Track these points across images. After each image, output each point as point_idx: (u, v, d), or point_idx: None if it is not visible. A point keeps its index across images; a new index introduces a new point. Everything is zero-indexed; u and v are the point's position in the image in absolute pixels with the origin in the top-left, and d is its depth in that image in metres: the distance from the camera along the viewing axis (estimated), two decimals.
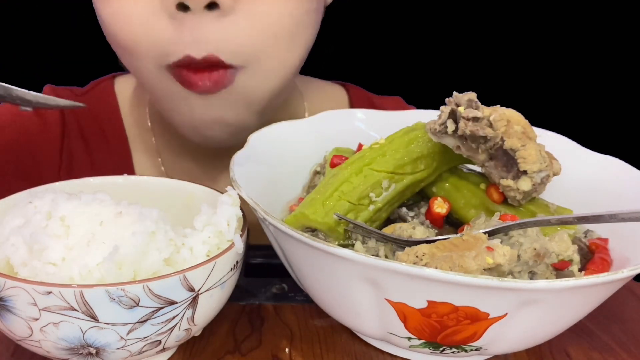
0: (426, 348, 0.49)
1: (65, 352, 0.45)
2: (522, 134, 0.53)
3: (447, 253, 0.46)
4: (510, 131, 0.53)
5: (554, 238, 0.50)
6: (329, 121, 0.67)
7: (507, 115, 0.53)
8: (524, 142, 0.52)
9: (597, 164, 0.61)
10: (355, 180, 0.55)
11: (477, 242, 0.47)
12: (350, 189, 0.54)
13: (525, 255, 0.48)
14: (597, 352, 0.54)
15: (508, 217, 0.52)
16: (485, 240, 0.48)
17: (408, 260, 0.47)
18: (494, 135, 0.52)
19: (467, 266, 0.45)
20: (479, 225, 0.51)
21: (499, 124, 0.52)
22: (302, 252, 0.48)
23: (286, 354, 0.52)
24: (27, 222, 0.47)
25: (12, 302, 0.43)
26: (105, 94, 0.80)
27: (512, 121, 0.53)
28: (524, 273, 0.48)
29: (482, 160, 0.55)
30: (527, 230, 0.49)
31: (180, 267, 0.47)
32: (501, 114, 0.53)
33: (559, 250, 0.50)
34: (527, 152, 0.52)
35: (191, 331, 0.48)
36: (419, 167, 0.56)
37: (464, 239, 0.48)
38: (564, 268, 0.50)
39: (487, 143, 0.53)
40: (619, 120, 1.46)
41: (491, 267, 0.46)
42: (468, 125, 0.52)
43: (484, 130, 0.52)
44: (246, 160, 0.57)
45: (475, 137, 0.53)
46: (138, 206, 0.49)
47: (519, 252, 0.48)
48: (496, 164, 0.54)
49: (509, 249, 0.47)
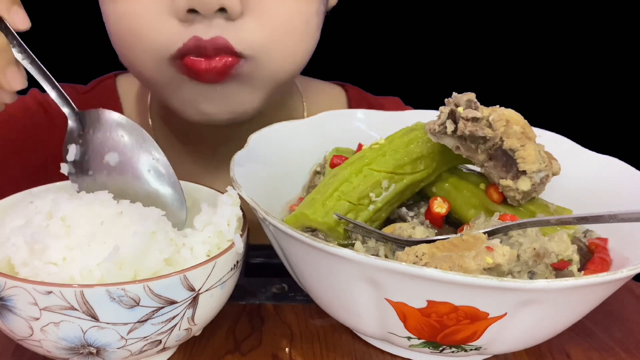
0: (426, 348, 0.49)
1: (66, 351, 0.45)
2: (522, 134, 0.53)
3: (447, 253, 0.47)
4: (509, 131, 0.53)
5: (554, 238, 0.50)
6: (329, 121, 0.67)
7: (506, 116, 0.53)
8: (523, 142, 0.53)
9: (597, 164, 0.61)
10: (355, 180, 0.55)
11: (476, 242, 0.48)
12: (350, 189, 0.54)
13: (524, 255, 0.48)
14: (597, 352, 0.54)
15: (508, 217, 0.52)
16: (485, 240, 0.48)
17: (408, 260, 0.47)
18: (493, 135, 0.52)
19: (467, 266, 0.45)
20: (478, 225, 0.51)
21: (498, 124, 0.52)
22: (302, 252, 0.48)
23: (286, 354, 0.52)
24: (28, 222, 0.47)
25: (13, 301, 0.43)
26: (107, 92, 0.81)
27: (511, 121, 0.53)
28: (524, 273, 0.48)
29: (482, 161, 0.55)
30: (527, 230, 0.50)
31: (181, 267, 0.47)
32: (500, 114, 0.53)
33: (558, 250, 0.50)
34: (527, 152, 0.52)
35: (191, 331, 0.48)
36: (418, 167, 0.56)
37: (464, 239, 0.48)
38: (564, 268, 0.50)
39: (487, 143, 0.53)
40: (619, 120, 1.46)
41: (491, 267, 0.46)
42: (467, 126, 0.52)
43: (483, 131, 0.52)
44: (246, 160, 0.57)
45: (474, 138, 0.53)
46: (139, 206, 0.49)
47: (518, 252, 0.48)
48: (495, 164, 0.54)
49: (508, 249, 0.47)
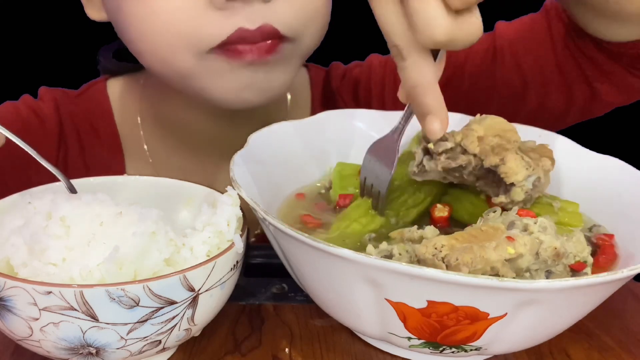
0: (426, 348, 0.49)
1: (66, 352, 0.45)
2: (498, 146, 0.52)
3: (467, 244, 0.46)
4: (485, 148, 0.52)
5: (572, 238, 0.49)
6: (328, 121, 0.67)
7: (477, 132, 0.52)
8: (502, 155, 0.52)
9: (597, 164, 0.61)
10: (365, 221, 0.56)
11: (496, 232, 0.47)
12: (359, 229, 0.55)
13: (544, 253, 0.47)
14: (597, 352, 0.54)
15: (524, 213, 0.51)
16: (504, 230, 0.47)
17: (427, 252, 0.46)
18: (468, 161, 0.52)
19: (489, 257, 0.45)
20: (494, 218, 0.51)
21: (471, 147, 0.52)
22: (302, 252, 0.48)
23: (286, 354, 0.52)
24: (27, 223, 0.47)
25: (13, 302, 0.43)
26: (98, 95, 0.82)
27: (484, 136, 0.52)
28: (541, 272, 0.48)
29: (472, 182, 0.55)
30: (547, 228, 0.48)
31: (181, 267, 0.47)
32: (471, 135, 0.52)
33: (576, 251, 0.49)
34: (507, 165, 0.51)
35: (191, 331, 0.48)
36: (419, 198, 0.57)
37: (483, 229, 0.47)
38: (581, 270, 0.49)
39: (466, 169, 0.53)
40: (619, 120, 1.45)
41: (513, 258, 0.45)
42: (439, 162, 0.52)
43: (456, 161, 0.52)
44: (246, 160, 0.57)
45: (452, 169, 0.53)
46: (138, 206, 0.49)
47: (538, 249, 0.47)
48: (486, 182, 0.54)
49: (529, 239, 0.46)
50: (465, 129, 0.54)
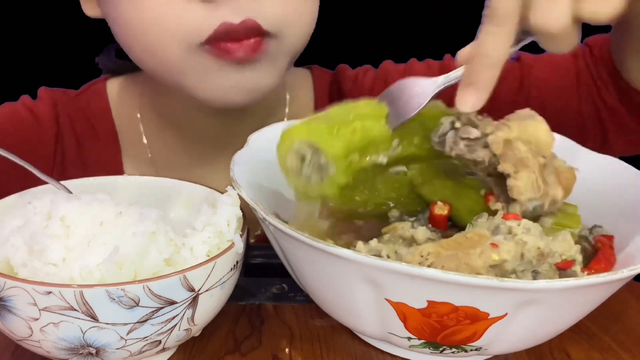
0: (426, 348, 0.49)
1: (66, 352, 0.45)
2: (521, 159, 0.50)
3: (453, 252, 0.46)
4: (508, 153, 0.50)
5: (557, 238, 0.50)
6: None
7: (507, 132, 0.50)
8: (517, 169, 0.50)
9: (597, 164, 0.61)
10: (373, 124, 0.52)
11: (481, 239, 0.47)
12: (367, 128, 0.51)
13: (529, 254, 0.47)
14: (597, 352, 0.54)
15: (511, 217, 0.52)
16: (489, 237, 0.48)
17: (413, 261, 0.47)
18: (483, 158, 0.51)
19: (474, 264, 0.45)
20: (481, 224, 0.51)
21: (494, 146, 0.50)
22: (302, 252, 0.48)
23: (286, 354, 0.52)
24: (27, 223, 0.47)
25: (12, 302, 0.43)
26: (97, 95, 0.83)
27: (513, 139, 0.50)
28: (527, 272, 0.48)
29: (482, 177, 0.54)
30: (531, 229, 0.49)
31: (181, 267, 0.47)
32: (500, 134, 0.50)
33: (562, 250, 0.49)
34: (517, 181, 0.50)
35: (191, 331, 0.48)
36: (423, 145, 0.54)
37: (468, 236, 0.48)
38: (568, 268, 0.49)
39: (478, 165, 0.52)
40: None
41: (497, 264, 0.46)
42: (454, 149, 0.51)
43: (472, 155, 0.51)
44: (246, 160, 0.57)
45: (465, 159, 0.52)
46: (138, 206, 0.49)
47: (522, 250, 0.47)
48: (495, 181, 0.53)
49: (513, 245, 0.46)
50: (501, 122, 0.52)
